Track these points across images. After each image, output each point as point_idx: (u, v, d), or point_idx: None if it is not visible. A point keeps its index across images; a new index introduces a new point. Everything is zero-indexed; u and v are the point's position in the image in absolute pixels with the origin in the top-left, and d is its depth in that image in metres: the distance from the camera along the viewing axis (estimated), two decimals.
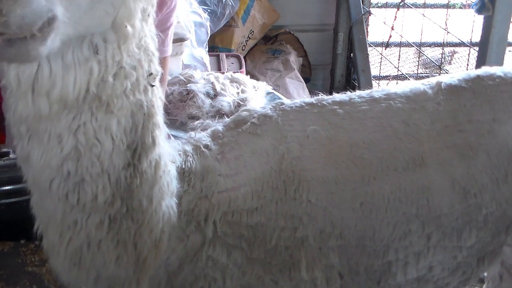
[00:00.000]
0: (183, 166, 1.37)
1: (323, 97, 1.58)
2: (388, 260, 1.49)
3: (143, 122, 1.13)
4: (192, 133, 1.51)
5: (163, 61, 2.44)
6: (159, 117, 1.20)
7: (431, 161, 1.49)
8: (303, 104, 1.54)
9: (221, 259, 1.34)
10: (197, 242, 1.33)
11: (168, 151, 1.30)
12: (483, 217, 1.55)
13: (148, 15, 1.08)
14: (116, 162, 1.10)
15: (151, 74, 1.13)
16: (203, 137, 1.47)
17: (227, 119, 1.54)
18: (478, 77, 1.64)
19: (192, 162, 1.38)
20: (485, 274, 1.92)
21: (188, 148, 1.42)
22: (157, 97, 1.17)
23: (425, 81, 1.66)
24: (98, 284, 1.25)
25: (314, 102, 1.55)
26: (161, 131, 1.21)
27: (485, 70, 1.69)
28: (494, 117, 1.56)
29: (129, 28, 1.00)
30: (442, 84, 1.60)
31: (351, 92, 1.64)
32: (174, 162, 1.32)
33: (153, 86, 1.14)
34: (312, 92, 4.48)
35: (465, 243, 1.55)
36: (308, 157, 1.42)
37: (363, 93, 1.59)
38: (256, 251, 1.37)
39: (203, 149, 1.41)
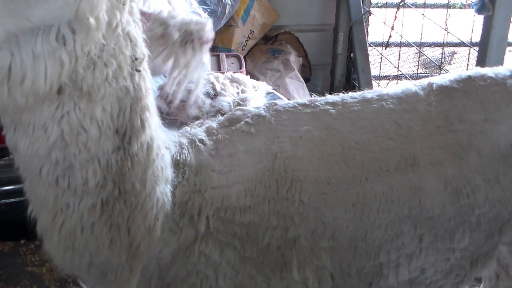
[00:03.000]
0: (178, 158, 1.37)
1: (315, 98, 1.59)
2: (379, 262, 1.49)
3: (131, 106, 1.13)
4: (188, 128, 1.52)
5: None
6: (149, 100, 1.19)
7: (423, 161, 1.49)
8: (296, 104, 1.55)
9: (213, 256, 1.35)
10: (190, 236, 1.33)
11: (162, 137, 1.30)
12: (476, 217, 1.55)
13: (124, 4, 1.08)
14: (105, 146, 1.11)
15: (136, 59, 1.12)
16: (199, 132, 1.47)
17: (221, 118, 1.55)
18: (469, 77, 1.64)
19: (187, 155, 1.39)
20: (483, 273, 1.92)
21: (184, 141, 1.43)
22: (146, 80, 1.17)
23: (416, 82, 1.67)
24: (91, 269, 1.26)
25: (307, 102, 1.55)
26: (152, 114, 1.21)
27: (476, 70, 1.69)
28: (486, 117, 1.56)
29: (91, 20, 0.99)
30: (434, 85, 1.60)
31: (350, 92, 1.64)
32: (168, 149, 1.33)
33: (139, 71, 1.13)
34: (312, 92, 4.48)
35: (458, 244, 1.55)
36: (301, 157, 1.42)
37: (355, 94, 1.60)
38: (249, 250, 1.37)
39: (198, 144, 1.42)
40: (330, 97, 1.58)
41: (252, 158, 1.40)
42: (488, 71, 1.67)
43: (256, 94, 3.58)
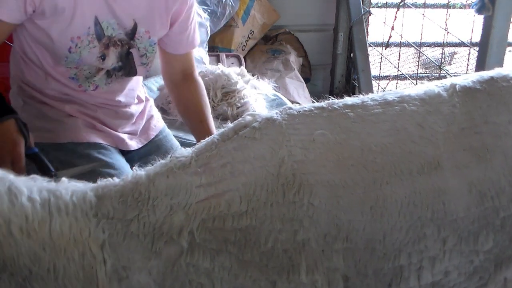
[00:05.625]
0: (128, 194, 1.32)
1: (334, 100, 1.55)
2: (399, 264, 1.47)
3: None
4: (177, 151, 1.45)
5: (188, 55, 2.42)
6: None
7: (447, 164, 1.46)
8: (312, 108, 1.51)
9: (203, 264, 1.31)
10: (173, 253, 1.31)
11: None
12: (500, 220, 1.53)
13: None
14: None
15: None
16: (185, 153, 1.42)
17: (230, 125, 1.51)
18: (492, 78, 1.61)
19: (147, 186, 1.33)
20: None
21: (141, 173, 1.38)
22: None
23: (438, 83, 1.64)
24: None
25: (324, 106, 1.51)
26: None
27: (498, 71, 1.66)
28: (510, 119, 1.54)
29: None
30: (457, 86, 1.58)
31: (350, 92, 1.62)
32: (46, 198, 1.25)
33: None
34: (312, 93, 4.48)
35: (482, 247, 1.52)
36: (312, 160, 1.39)
37: (376, 95, 1.57)
38: (249, 253, 1.34)
39: (175, 170, 1.36)
40: (349, 99, 1.54)
41: (252, 164, 1.36)
42: (510, 72, 1.66)
43: (258, 97, 3.59)
